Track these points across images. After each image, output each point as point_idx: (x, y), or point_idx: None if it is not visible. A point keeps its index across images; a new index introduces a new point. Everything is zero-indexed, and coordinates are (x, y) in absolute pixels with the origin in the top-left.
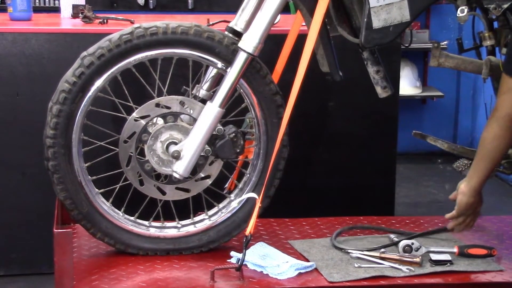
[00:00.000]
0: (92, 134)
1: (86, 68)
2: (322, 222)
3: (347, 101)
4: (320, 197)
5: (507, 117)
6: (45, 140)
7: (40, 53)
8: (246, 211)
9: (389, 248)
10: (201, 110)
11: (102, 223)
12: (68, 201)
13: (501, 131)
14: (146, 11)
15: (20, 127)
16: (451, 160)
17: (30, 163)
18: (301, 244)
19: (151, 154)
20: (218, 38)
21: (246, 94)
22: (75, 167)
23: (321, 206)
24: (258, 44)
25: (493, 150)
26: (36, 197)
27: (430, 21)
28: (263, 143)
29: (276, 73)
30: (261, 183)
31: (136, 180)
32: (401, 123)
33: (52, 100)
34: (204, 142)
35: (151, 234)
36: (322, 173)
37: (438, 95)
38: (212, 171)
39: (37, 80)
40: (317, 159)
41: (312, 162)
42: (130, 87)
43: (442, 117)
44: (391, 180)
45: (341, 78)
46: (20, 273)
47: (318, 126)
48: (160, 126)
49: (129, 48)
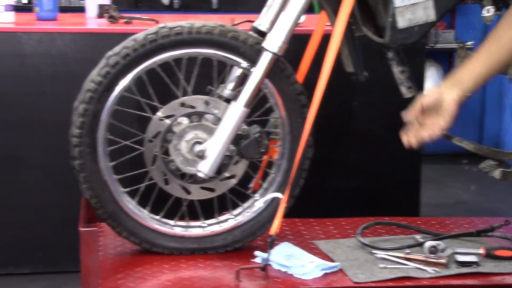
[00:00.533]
0: (117, 133)
1: (111, 68)
2: (347, 222)
3: (371, 101)
4: (345, 198)
5: None
6: (71, 139)
7: (66, 53)
8: (271, 211)
9: (415, 249)
10: (226, 110)
11: (128, 222)
12: (94, 200)
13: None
14: (170, 11)
15: (45, 126)
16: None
17: (55, 162)
18: (326, 244)
19: (176, 154)
20: (242, 38)
21: (270, 94)
22: (101, 166)
23: (346, 206)
24: (283, 44)
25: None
26: (61, 195)
27: (455, 21)
28: (288, 143)
29: (300, 73)
30: (286, 183)
31: (161, 180)
32: None
33: (78, 99)
34: (229, 142)
35: (176, 233)
36: (347, 173)
37: None
38: (237, 171)
39: (62, 80)
40: (341, 159)
41: (337, 162)
42: (155, 86)
43: (468, 117)
44: (416, 180)
45: (366, 78)
46: (45, 271)
47: (342, 126)
48: (185, 126)
49: (154, 48)
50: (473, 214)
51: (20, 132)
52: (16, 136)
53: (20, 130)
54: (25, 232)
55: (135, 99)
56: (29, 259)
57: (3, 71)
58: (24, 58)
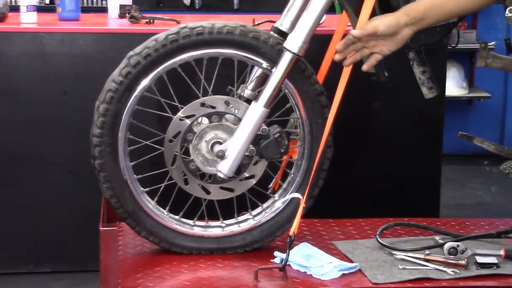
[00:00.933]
0: (137, 133)
1: (132, 68)
2: (366, 223)
3: (392, 102)
4: (364, 198)
5: None
6: (91, 138)
7: (87, 53)
8: (290, 211)
9: (434, 250)
10: (246, 110)
11: (147, 221)
12: (114, 200)
13: None
14: (191, 11)
15: (67, 125)
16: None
17: (76, 162)
18: (345, 245)
19: (196, 154)
20: (263, 38)
21: (291, 94)
22: (121, 166)
23: (365, 207)
24: (303, 44)
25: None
26: (82, 195)
27: (477, 21)
28: (308, 143)
29: (321, 74)
30: (305, 183)
31: (181, 179)
32: (447, 124)
33: (99, 99)
34: (249, 142)
35: (195, 233)
36: (366, 174)
37: (485, 96)
38: (256, 171)
39: (84, 80)
40: (361, 160)
41: (356, 162)
42: (175, 86)
43: (489, 118)
44: (437, 181)
45: (387, 79)
46: (66, 270)
47: (362, 127)
48: (205, 126)
49: (175, 48)
50: (494, 215)
51: (42, 131)
52: (38, 136)
53: (42, 130)
54: (47, 230)
55: (156, 99)
56: (50, 257)
57: (26, 71)
58: (46, 58)
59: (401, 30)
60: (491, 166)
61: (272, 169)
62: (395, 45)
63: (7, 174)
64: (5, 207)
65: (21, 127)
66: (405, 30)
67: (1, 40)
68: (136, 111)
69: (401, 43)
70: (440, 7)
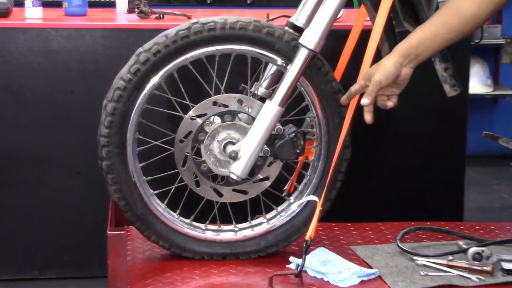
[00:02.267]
0: (147, 133)
1: (141, 65)
2: (386, 227)
3: (412, 100)
4: (383, 201)
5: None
6: (99, 139)
7: (95, 50)
8: (306, 215)
9: (458, 256)
10: (260, 109)
11: (157, 225)
12: (122, 202)
13: None
14: (203, 5)
15: (74, 125)
16: None
17: (84, 163)
18: (364, 250)
19: (208, 154)
20: (278, 33)
21: (306, 92)
22: (130, 167)
23: (385, 210)
24: (320, 40)
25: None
26: (89, 197)
27: (502, 15)
28: (325, 143)
29: (338, 71)
30: (322, 185)
31: (192, 181)
32: (471, 124)
33: (107, 98)
34: (263, 142)
35: (207, 238)
36: (386, 176)
37: (510, 94)
38: (271, 173)
39: (91, 77)
40: (380, 161)
41: (375, 163)
42: (186, 84)
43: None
44: (460, 183)
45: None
46: (72, 276)
47: (382, 126)
48: (217, 125)
49: (186, 44)
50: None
51: (48, 131)
52: (43, 136)
53: (47, 129)
54: (52, 234)
55: (166, 98)
56: (56, 263)
57: (31, 68)
58: (52, 55)
59: (400, 72)
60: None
61: (287, 171)
62: (401, 86)
63: (11, 175)
64: (8, 210)
65: (26, 127)
66: (404, 70)
67: (5, 36)
68: (145, 110)
69: (406, 82)
70: (431, 39)
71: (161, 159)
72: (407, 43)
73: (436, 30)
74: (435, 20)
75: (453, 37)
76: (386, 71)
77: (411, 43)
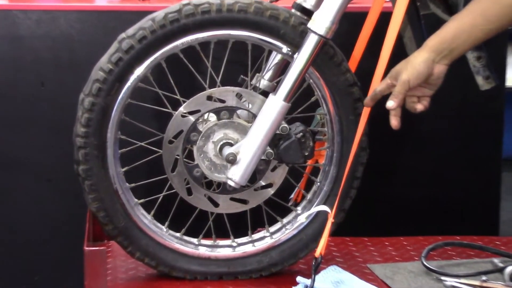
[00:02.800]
0: (130, 132)
1: (124, 53)
2: (409, 242)
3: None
4: (406, 212)
5: None
6: (75, 139)
7: (70, 35)
8: (315, 228)
9: (493, 275)
10: (262, 105)
11: (142, 240)
12: (102, 213)
13: None
14: None
15: (45, 123)
16: None
17: (56, 168)
18: (383, 269)
19: (202, 158)
20: (283, 17)
21: (316, 85)
22: (111, 172)
23: (408, 222)
24: (332, 24)
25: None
26: (63, 208)
27: None
28: (337, 144)
29: (353, 60)
30: (335, 193)
31: (183, 189)
32: (508, 122)
33: (84, 92)
34: (266, 143)
35: (200, 254)
36: (409, 183)
37: None
38: (274, 179)
39: (66, 68)
40: (402, 166)
41: (397, 168)
42: (176, 76)
43: None
44: (495, 192)
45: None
46: None
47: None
48: (212, 124)
49: (176, 29)
50: None
51: (14, 130)
52: (9, 136)
53: (14, 129)
54: (20, 251)
55: (153, 92)
56: (27, 283)
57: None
58: (19, 42)
59: (432, 70)
60: None
61: (294, 177)
62: (434, 87)
63: None
64: None
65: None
66: (436, 68)
67: None
68: (128, 106)
69: (440, 82)
70: (468, 31)
71: (147, 163)
72: (440, 37)
73: (474, 21)
74: (472, 9)
75: (493, 29)
76: (416, 69)
77: (445, 36)
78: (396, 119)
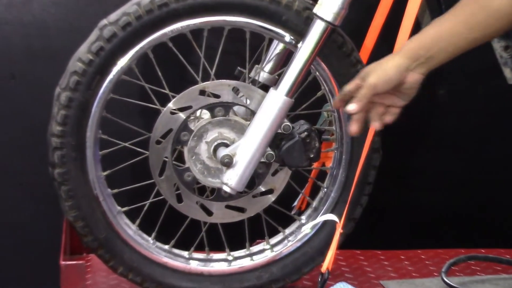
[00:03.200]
0: (113, 131)
1: (106, 42)
2: (427, 255)
3: (463, 89)
4: (423, 222)
5: None
6: (50, 139)
7: (44, 21)
8: (322, 240)
9: None
10: (262, 100)
11: (126, 253)
12: (80, 223)
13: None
14: None
15: (16, 120)
16: None
17: (29, 171)
18: (399, 286)
19: (193, 160)
20: (286, 1)
21: (323, 78)
22: (90, 177)
23: (426, 233)
24: (341, 10)
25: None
26: (36, 216)
27: None
28: (346, 145)
29: (365, 50)
30: (343, 200)
31: (173, 195)
32: None
33: (60, 85)
34: (266, 144)
35: (192, 269)
36: (427, 189)
37: None
38: (276, 184)
39: (39, 58)
40: (420, 169)
41: (413, 172)
42: (165, 68)
43: None
44: None
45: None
46: None
47: (422, 123)
48: (205, 122)
49: (164, 15)
50: None
51: None
52: None
53: None
54: None
55: (138, 85)
56: None
57: None
58: None
59: (405, 78)
60: None
61: (298, 182)
62: (406, 97)
63: None
64: None
65: None
66: (410, 76)
67: None
68: (111, 102)
69: (413, 92)
70: (448, 39)
71: (131, 166)
72: (418, 41)
73: (456, 28)
74: (456, 13)
75: (477, 38)
76: (386, 73)
77: (422, 42)
78: (356, 124)
